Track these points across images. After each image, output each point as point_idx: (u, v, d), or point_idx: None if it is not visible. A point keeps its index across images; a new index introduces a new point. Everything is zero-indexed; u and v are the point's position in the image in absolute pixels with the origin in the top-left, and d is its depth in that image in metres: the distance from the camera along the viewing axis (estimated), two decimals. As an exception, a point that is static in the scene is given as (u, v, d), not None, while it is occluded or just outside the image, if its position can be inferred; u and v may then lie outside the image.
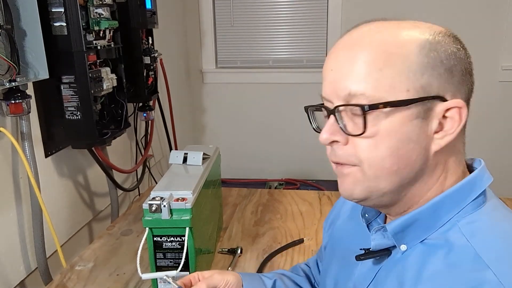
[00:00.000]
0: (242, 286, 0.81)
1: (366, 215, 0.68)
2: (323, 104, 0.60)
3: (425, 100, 0.54)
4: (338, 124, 0.57)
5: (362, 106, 0.54)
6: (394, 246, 0.60)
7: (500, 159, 2.50)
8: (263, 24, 2.60)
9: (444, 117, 0.55)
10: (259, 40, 2.63)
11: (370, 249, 0.62)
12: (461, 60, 0.56)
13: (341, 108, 0.56)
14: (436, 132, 0.55)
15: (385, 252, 0.61)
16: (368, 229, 0.67)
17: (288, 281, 0.88)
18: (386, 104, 0.53)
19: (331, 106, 0.58)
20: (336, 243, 0.79)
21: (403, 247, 0.59)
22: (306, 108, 0.65)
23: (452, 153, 0.58)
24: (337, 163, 0.60)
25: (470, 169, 0.62)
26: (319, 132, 0.60)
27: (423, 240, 0.58)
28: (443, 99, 0.54)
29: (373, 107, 0.53)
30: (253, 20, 2.60)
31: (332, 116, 0.57)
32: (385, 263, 0.62)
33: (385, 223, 0.67)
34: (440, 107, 0.55)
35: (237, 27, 2.62)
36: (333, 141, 0.58)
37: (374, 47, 0.55)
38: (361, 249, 0.63)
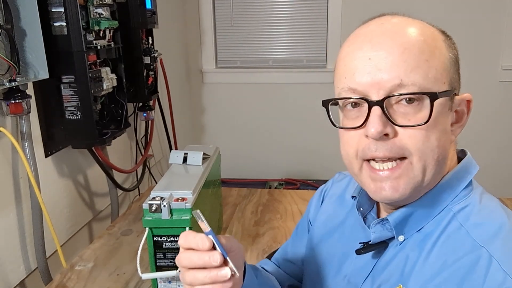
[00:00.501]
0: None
1: (361, 209, 0.68)
2: (357, 97, 0.56)
3: (453, 93, 0.57)
4: (387, 116, 0.54)
5: (433, 94, 0.53)
6: (392, 238, 0.61)
7: (500, 159, 2.50)
8: (263, 24, 2.60)
9: (455, 110, 0.58)
10: (259, 40, 2.63)
11: (369, 243, 0.63)
12: (459, 57, 0.60)
13: (392, 98, 0.54)
14: (452, 124, 0.58)
15: (383, 245, 0.62)
16: (365, 222, 0.67)
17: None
18: (447, 93, 0.55)
19: (368, 97, 0.55)
20: (318, 240, 0.78)
21: (401, 238, 0.60)
22: (327, 103, 0.61)
23: (453, 144, 0.61)
24: (378, 159, 0.56)
25: (458, 159, 0.64)
26: (341, 128, 0.60)
27: (419, 230, 0.59)
28: (456, 94, 0.58)
29: (441, 95, 0.54)
30: (253, 20, 2.60)
31: (378, 108, 0.54)
32: (383, 256, 0.63)
33: (378, 215, 0.67)
34: (456, 100, 0.58)
35: (237, 27, 2.62)
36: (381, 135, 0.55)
37: (417, 38, 0.55)
38: (360, 243, 0.64)
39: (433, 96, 0.53)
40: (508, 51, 2.40)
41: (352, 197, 0.70)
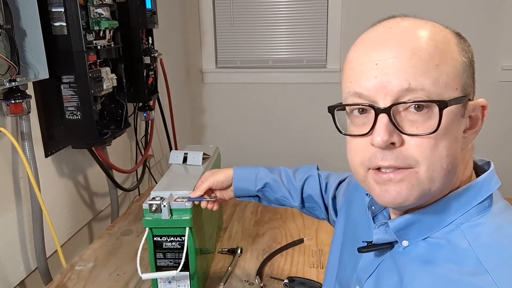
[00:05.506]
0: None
1: (373, 208, 0.67)
2: (363, 103, 0.55)
3: (466, 99, 0.55)
4: (394, 124, 0.52)
5: (442, 102, 0.51)
6: (397, 241, 0.60)
7: (500, 159, 2.48)
8: (263, 24, 2.60)
9: (469, 116, 0.56)
10: (259, 40, 2.63)
11: (373, 242, 0.62)
12: (473, 60, 0.57)
13: (400, 105, 0.52)
14: (465, 130, 0.56)
15: (387, 246, 0.61)
16: (373, 221, 0.67)
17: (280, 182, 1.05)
18: (459, 100, 0.53)
19: (375, 103, 0.53)
20: (348, 230, 0.79)
21: (404, 243, 0.59)
22: (333, 109, 0.59)
23: (467, 151, 0.59)
24: (384, 168, 0.55)
25: (480, 169, 0.61)
26: (346, 135, 0.58)
27: (425, 238, 0.58)
28: (470, 99, 0.56)
29: (452, 102, 0.52)
30: (253, 20, 2.60)
31: (385, 116, 0.52)
32: (387, 256, 0.62)
33: (389, 216, 0.67)
34: (470, 106, 0.56)
35: (237, 27, 2.62)
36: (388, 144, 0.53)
37: (427, 43, 0.53)
38: (363, 241, 0.63)
39: (442, 105, 0.51)
40: (508, 51, 2.40)
41: (366, 194, 0.70)
